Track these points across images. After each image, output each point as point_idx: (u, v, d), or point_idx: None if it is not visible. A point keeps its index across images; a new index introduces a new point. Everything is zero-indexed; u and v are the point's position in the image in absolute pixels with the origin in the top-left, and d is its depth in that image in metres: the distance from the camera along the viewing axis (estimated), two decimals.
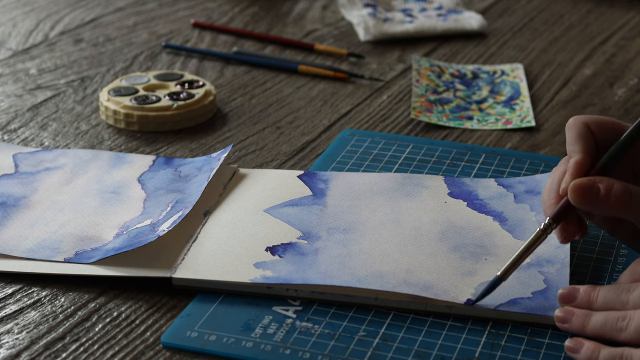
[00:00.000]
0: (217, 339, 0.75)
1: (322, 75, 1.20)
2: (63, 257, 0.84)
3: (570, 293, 0.77)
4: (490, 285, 0.78)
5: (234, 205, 0.90)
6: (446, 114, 1.10)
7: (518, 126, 1.08)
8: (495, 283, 0.78)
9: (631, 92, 1.17)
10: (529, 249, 0.78)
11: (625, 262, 0.83)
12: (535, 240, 0.78)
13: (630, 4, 1.44)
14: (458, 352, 0.74)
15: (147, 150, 1.03)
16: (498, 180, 0.93)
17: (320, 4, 1.43)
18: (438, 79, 1.19)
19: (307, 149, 1.04)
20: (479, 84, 1.18)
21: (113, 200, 0.92)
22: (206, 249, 0.84)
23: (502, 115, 1.11)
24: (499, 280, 0.78)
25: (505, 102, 1.14)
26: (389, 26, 1.32)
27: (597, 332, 0.74)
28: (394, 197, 0.91)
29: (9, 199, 0.92)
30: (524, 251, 0.78)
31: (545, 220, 0.79)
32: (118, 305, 0.80)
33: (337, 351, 0.74)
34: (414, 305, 0.78)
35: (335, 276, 0.80)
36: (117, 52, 1.26)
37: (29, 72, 1.20)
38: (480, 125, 1.08)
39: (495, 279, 0.78)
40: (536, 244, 0.78)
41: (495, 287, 0.78)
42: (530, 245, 0.78)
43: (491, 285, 0.78)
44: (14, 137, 1.05)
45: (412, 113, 1.09)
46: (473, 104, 1.14)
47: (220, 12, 1.40)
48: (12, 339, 0.76)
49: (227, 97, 1.15)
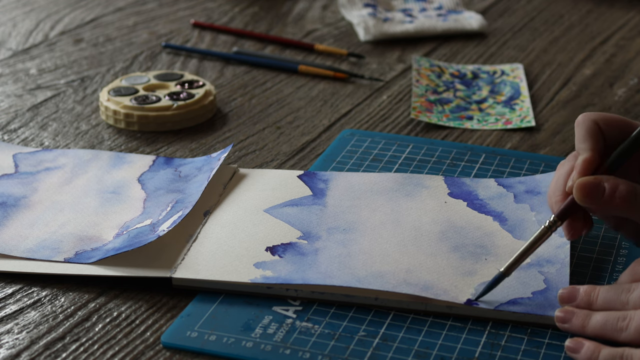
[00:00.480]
0: (217, 339, 0.75)
1: (322, 75, 1.20)
2: (63, 257, 0.84)
3: (570, 293, 0.77)
4: (493, 281, 0.78)
5: (234, 205, 0.90)
6: (446, 114, 1.10)
7: (518, 126, 1.08)
8: (499, 279, 0.78)
9: (631, 92, 1.17)
10: (534, 246, 0.78)
11: (625, 262, 0.83)
12: (540, 237, 0.78)
13: (630, 4, 1.44)
14: (458, 352, 0.74)
15: (147, 150, 1.03)
16: (498, 180, 0.93)
17: (320, 4, 1.43)
18: (438, 79, 1.19)
19: (307, 149, 1.04)
20: (479, 84, 1.18)
21: (113, 200, 0.92)
22: (206, 249, 0.84)
23: (502, 115, 1.11)
24: (502, 276, 0.78)
25: (505, 102, 1.14)
26: (389, 26, 1.32)
27: (597, 332, 0.74)
28: (394, 197, 0.91)
29: (9, 199, 0.92)
30: (528, 247, 0.78)
31: (551, 217, 0.79)
32: (118, 305, 0.80)
33: (337, 351, 0.74)
34: (414, 305, 0.78)
35: (335, 276, 0.80)
36: (117, 52, 1.26)
37: (29, 72, 1.20)
38: (480, 125, 1.08)
39: (499, 274, 0.78)
40: (541, 240, 0.79)
41: (498, 283, 0.78)
42: (535, 241, 0.78)
43: (494, 281, 0.78)
44: (14, 137, 1.05)
45: (412, 113, 1.09)
46: (473, 104, 1.14)
47: (220, 12, 1.40)
48: (12, 339, 0.76)
49: (227, 97, 1.15)
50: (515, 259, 0.78)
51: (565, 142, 1.05)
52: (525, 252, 0.78)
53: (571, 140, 1.05)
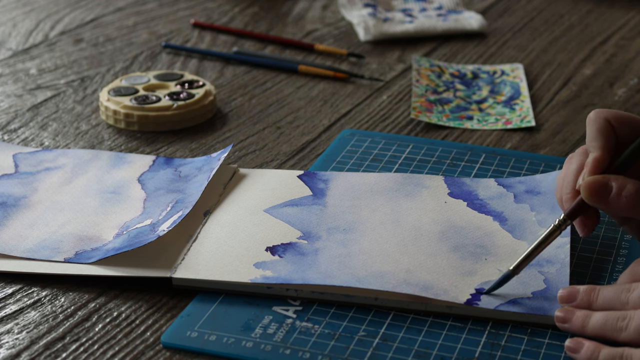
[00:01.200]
0: (217, 339, 0.75)
1: (322, 75, 1.20)
2: (63, 257, 0.84)
3: (570, 293, 0.77)
4: (502, 280, 0.78)
5: (234, 205, 0.90)
6: (446, 114, 1.10)
7: (518, 126, 1.08)
8: (507, 277, 0.78)
9: (631, 92, 1.17)
10: (543, 244, 0.79)
11: (625, 262, 0.83)
12: (549, 236, 0.79)
13: (630, 4, 1.44)
14: (458, 352, 0.74)
15: (147, 150, 1.03)
16: (498, 180, 0.93)
17: (320, 4, 1.43)
18: (438, 79, 1.19)
19: (307, 149, 1.04)
20: (479, 84, 1.18)
21: (113, 200, 0.92)
22: (206, 249, 0.84)
23: (502, 115, 1.11)
24: (511, 274, 0.78)
25: (505, 102, 1.14)
26: (389, 26, 1.32)
27: (597, 332, 0.74)
28: (394, 197, 0.91)
29: (9, 199, 0.92)
30: (537, 246, 0.78)
31: (560, 216, 0.79)
32: (118, 305, 0.80)
33: (337, 351, 0.74)
34: (414, 305, 0.78)
35: (335, 276, 0.80)
36: (117, 52, 1.26)
37: (29, 72, 1.20)
38: (480, 125, 1.08)
39: (507, 273, 0.78)
40: (550, 239, 0.79)
41: (506, 282, 0.78)
42: (544, 240, 0.79)
43: (502, 279, 0.78)
44: (14, 137, 1.05)
45: (412, 113, 1.09)
46: (473, 104, 1.14)
47: (220, 12, 1.40)
48: (12, 339, 0.76)
49: (227, 97, 1.15)
50: (524, 257, 0.78)
51: (565, 142, 1.05)
52: (534, 250, 0.78)
53: (571, 140, 1.05)
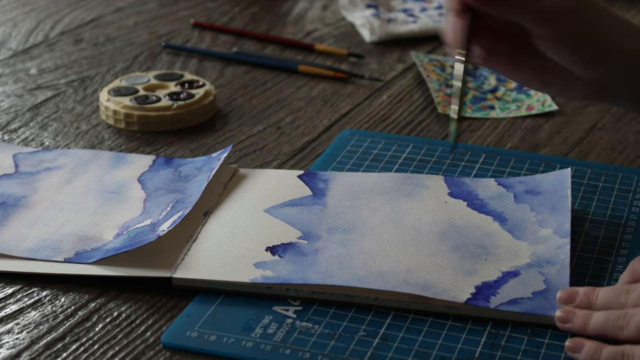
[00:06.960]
0: (217, 339, 0.75)
1: (322, 75, 1.20)
2: (63, 257, 0.84)
3: (569, 295, 0.77)
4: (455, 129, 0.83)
5: (234, 205, 0.90)
6: (469, 106, 1.10)
7: (541, 111, 1.08)
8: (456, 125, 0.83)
9: None
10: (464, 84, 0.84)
11: (625, 262, 0.83)
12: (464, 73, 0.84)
13: (630, 4, 1.44)
14: (458, 352, 0.74)
15: (147, 150, 1.03)
16: (498, 180, 0.93)
17: (320, 4, 1.43)
18: (444, 73, 1.19)
19: (307, 149, 1.04)
20: (483, 74, 1.18)
21: (113, 200, 0.92)
22: (206, 249, 0.84)
23: (521, 102, 1.11)
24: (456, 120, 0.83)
25: (517, 89, 1.14)
26: (394, 27, 1.32)
27: (599, 331, 0.74)
28: (394, 197, 0.91)
29: (9, 199, 0.92)
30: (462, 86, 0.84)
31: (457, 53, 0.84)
32: (118, 305, 0.80)
33: (337, 351, 0.74)
34: (414, 305, 0.78)
35: (335, 276, 0.80)
36: (117, 52, 1.26)
37: (29, 72, 1.20)
38: (504, 113, 1.08)
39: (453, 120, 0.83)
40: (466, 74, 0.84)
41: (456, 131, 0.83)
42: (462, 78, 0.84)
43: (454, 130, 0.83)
44: (14, 137, 1.05)
45: (438, 108, 1.09)
46: (487, 93, 1.14)
47: (220, 12, 1.40)
48: (12, 338, 0.76)
49: (227, 97, 1.15)
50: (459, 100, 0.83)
51: (565, 142, 1.05)
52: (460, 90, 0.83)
53: (571, 140, 1.05)
